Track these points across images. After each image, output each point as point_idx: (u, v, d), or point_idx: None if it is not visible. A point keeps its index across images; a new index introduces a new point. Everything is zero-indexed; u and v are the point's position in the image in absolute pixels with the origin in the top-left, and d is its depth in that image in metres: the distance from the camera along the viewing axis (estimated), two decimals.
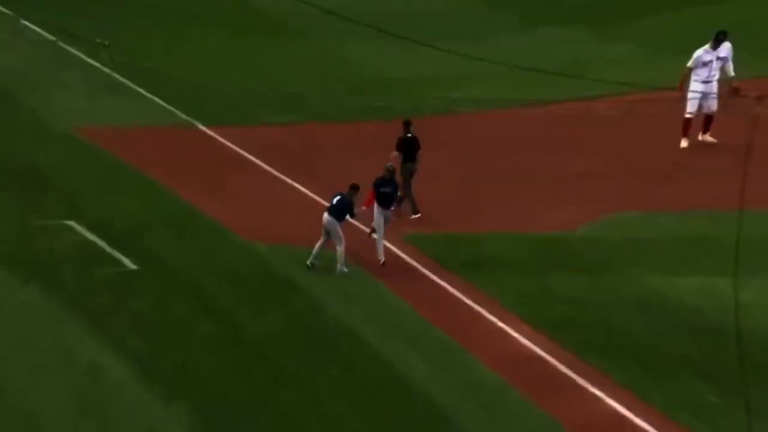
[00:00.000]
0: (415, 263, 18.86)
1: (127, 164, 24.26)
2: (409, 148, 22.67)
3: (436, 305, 17.27)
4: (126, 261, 18.49)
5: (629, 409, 13.34)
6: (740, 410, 11.11)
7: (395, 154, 22.42)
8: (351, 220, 19.16)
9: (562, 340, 15.56)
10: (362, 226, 19.41)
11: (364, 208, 19.02)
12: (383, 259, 19.04)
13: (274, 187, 23.92)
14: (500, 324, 16.39)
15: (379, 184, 19.60)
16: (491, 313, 16.90)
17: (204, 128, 27.01)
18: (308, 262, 18.65)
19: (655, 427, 12.87)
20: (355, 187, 19.29)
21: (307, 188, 23.30)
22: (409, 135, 22.69)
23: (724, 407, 12.87)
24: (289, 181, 24.05)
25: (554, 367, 14.88)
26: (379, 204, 19.26)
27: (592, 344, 15.28)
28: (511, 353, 15.62)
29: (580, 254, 19.32)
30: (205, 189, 23.30)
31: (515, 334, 16.22)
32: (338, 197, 18.95)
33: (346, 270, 18.51)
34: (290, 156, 25.78)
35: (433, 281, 18.85)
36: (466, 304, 17.37)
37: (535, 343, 15.77)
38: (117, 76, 30.19)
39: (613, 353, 15.05)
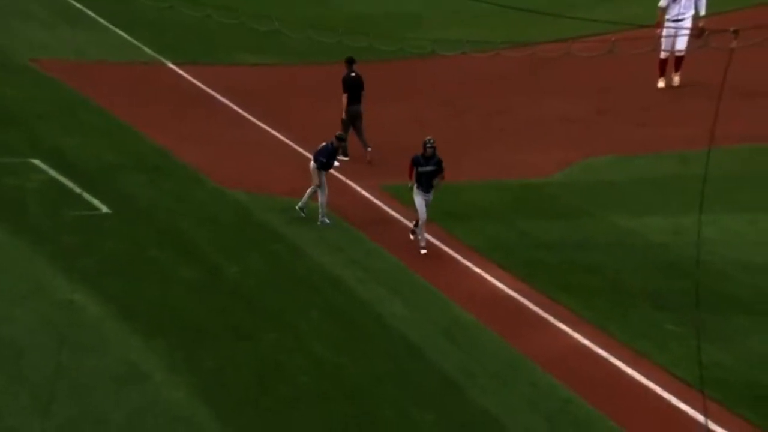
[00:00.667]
0: (395, 213, 19.82)
1: (92, 101, 24.80)
2: (354, 89, 22.39)
3: (415, 253, 18.37)
4: (97, 203, 19.21)
5: (594, 341, 15.05)
6: (694, 337, 12.95)
7: (345, 96, 22.20)
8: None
9: (535, 282, 17.20)
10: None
11: (409, 183, 18.16)
12: (424, 247, 18.18)
13: (249, 131, 24.50)
14: (476, 269, 17.84)
15: (418, 161, 18.03)
16: (468, 259, 18.29)
17: (173, 66, 27.69)
18: (298, 206, 19.43)
19: (615, 356, 14.55)
20: (340, 138, 19.62)
21: (284, 134, 23.87)
22: (353, 74, 22.50)
23: (680, 335, 14.52)
24: (264, 126, 24.56)
25: (526, 307, 16.47)
26: (419, 185, 18.07)
27: (562, 284, 16.95)
28: (486, 295, 17.09)
29: (556, 199, 20.85)
30: (175, 132, 23.80)
31: (490, 278, 17.65)
32: (323, 147, 19.32)
33: (327, 221, 19.33)
34: (265, 99, 26.38)
35: (411, 229, 19.33)
36: (445, 251, 18.64)
37: (508, 285, 17.31)
38: (77, 4, 30.37)
39: (582, 291, 16.71)
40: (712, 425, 11.46)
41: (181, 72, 27.51)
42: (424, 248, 18.36)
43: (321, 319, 16.18)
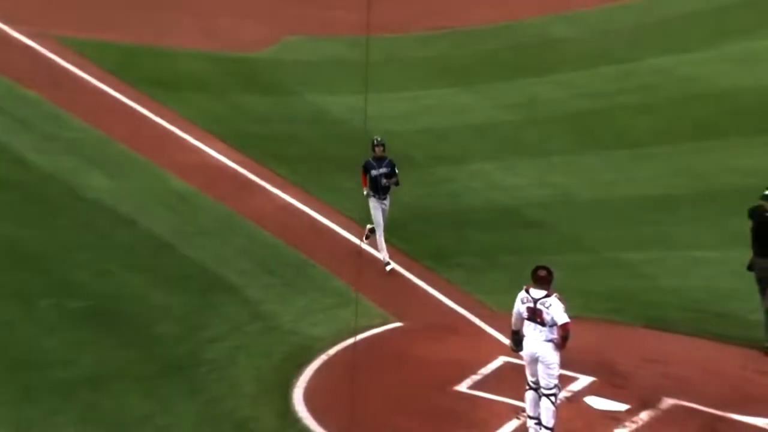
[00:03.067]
0: (84, 74, 21.91)
1: None
2: None
3: (122, 123, 20.81)
4: None
5: (296, 199, 20.51)
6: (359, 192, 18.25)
7: None
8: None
9: (249, 152, 21.96)
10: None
11: (364, 189, 18.05)
12: (389, 263, 17.77)
13: None
14: (194, 141, 21.79)
15: (370, 165, 17.82)
16: (184, 131, 22.09)
17: None
18: None
19: (312, 209, 20.22)
20: None
21: None
22: None
23: (353, 189, 19.07)
24: None
25: (242, 174, 21.14)
26: (374, 192, 17.76)
27: (272, 154, 22.14)
28: (203, 165, 21.22)
29: (263, 75, 26.02)
30: None
31: (207, 149, 21.98)
32: None
33: None
34: None
35: (114, 97, 22.43)
36: (160, 123, 22.09)
37: (226, 156, 21.84)
38: None
39: (288, 159, 22.08)
40: (364, 245, 17.23)
41: None
42: (389, 264, 17.83)
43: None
